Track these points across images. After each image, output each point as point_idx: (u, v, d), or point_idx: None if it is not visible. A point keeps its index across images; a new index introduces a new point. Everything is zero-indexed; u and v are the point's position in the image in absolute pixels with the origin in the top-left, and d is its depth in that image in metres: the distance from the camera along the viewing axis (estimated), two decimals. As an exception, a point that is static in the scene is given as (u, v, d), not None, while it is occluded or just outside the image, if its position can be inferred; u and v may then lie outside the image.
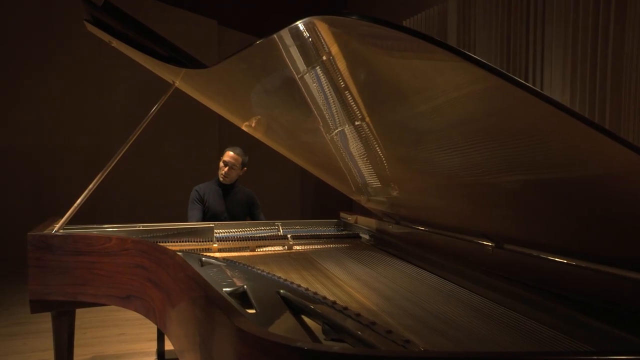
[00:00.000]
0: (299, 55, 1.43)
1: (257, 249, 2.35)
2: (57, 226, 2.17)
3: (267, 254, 2.27)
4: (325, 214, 3.47)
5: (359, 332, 1.13)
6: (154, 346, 3.10)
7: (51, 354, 2.20)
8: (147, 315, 1.98)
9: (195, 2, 6.84)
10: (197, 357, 1.38)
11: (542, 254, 1.34)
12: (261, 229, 2.69)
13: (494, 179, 1.28)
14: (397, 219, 2.27)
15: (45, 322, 2.91)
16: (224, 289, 1.51)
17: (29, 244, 2.07)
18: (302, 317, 1.33)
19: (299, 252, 2.30)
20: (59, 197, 6.00)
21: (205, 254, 2.16)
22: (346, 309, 1.32)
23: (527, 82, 1.06)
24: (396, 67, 1.22)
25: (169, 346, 2.80)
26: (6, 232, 5.86)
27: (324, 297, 1.44)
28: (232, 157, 3.32)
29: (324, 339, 1.18)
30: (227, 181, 3.35)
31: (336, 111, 1.64)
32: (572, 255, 1.24)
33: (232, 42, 6.91)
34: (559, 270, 1.27)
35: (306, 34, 1.29)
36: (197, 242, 2.28)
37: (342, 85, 1.46)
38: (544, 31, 3.49)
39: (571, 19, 3.20)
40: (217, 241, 2.32)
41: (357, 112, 1.55)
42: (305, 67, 1.48)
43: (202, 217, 3.30)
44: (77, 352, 2.50)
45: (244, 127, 2.42)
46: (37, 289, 2.07)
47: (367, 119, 1.56)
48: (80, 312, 2.27)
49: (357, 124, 1.62)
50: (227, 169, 3.31)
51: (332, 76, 1.44)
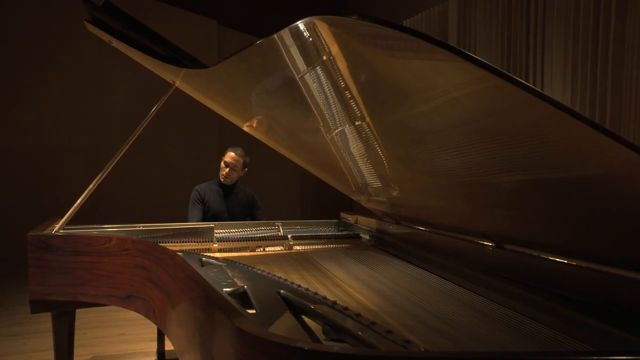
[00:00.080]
0: (299, 55, 1.43)
1: (257, 249, 2.35)
2: (57, 226, 2.17)
3: (267, 254, 2.27)
4: (325, 214, 3.47)
5: (359, 332, 1.13)
6: (154, 346, 3.10)
7: (51, 354, 2.20)
8: (147, 315, 1.98)
9: (195, 2, 6.84)
10: (197, 358, 1.38)
11: (542, 254, 1.34)
12: (261, 229, 2.69)
13: (494, 179, 1.28)
14: (398, 219, 2.27)
15: (45, 322, 2.91)
16: (224, 289, 1.51)
17: (29, 244, 2.07)
18: (303, 317, 1.33)
19: (299, 252, 2.30)
20: (59, 197, 6.00)
21: (205, 254, 2.16)
22: (346, 309, 1.32)
23: (528, 82, 1.06)
24: (396, 67, 1.22)
25: (169, 346, 2.80)
26: (6, 232, 5.86)
27: (324, 297, 1.44)
28: (234, 158, 3.31)
29: (324, 339, 1.18)
30: (228, 182, 3.34)
31: (336, 111, 1.64)
32: (572, 255, 1.24)
33: (232, 42, 6.91)
34: (559, 270, 1.27)
35: (306, 34, 1.29)
36: (197, 242, 2.28)
37: (343, 85, 1.46)
38: (544, 31, 3.49)
39: (572, 18, 3.20)
40: (218, 241, 2.32)
41: (358, 112, 1.55)
42: (305, 67, 1.48)
43: (203, 217, 3.29)
44: (77, 352, 2.50)
45: (245, 128, 2.42)
46: (37, 289, 2.07)
47: (368, 119, 1.56)
48: (80, 312, 2.27)
49: (357, 124, 1.62)
50: (228, 170, 3.31)
51: (333, 76, 1.44)
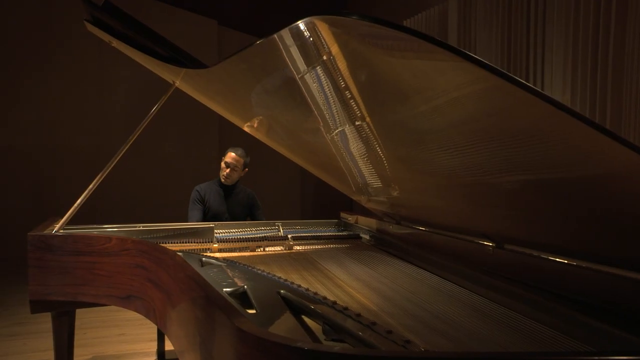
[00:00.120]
0: (300, 55, 1.43)
1: (257, 249, 2.35)
2: (57, 226, 2.17)
3: (267, 254, 2.27)
4: (325, 214, 3.46)
5: (360, 333, 1.13)
6: (154, 346, 3.10)
7: (51, 354, 2.20)
8: (147, 315, 1.98)
9: (195, 2, 6.84)
10: (197, 358, 1.38)
11: (542, 254, 1.34)
12: (261, 229, 2.69)
13: (495, 179, 1.28)
14: (398, 219, 2.27)
15: (45, 322, 2.90)
16: (224, 289, 1.51)
17: (29, 244, 2.07)
18: (303, 317, 1.33)
19: (299, 252, 2.30)
20: (59, 197, 6.00)
21: (205, 254, 2.16)
22: (346, 309, 1.32)
23: (528, 82, 1.06)
24: (397, 67, 1.22)
25: (169, 346, 2.80)
26: (6, 232, 5.86)
27: (325, 298, 1.44)
28: (234, 158, 3.30)
29: (325, 339, 1.18)
30: (229, 182, 3.34)
31: (336, 111, 1.64)
32: (573, 255, 1.24)
33: (232, 42, 6.91)
34: (560, 270, 1.27)
35: (307, 34, 1.29)
36: (197, 242, 2.28)
37: (343, 85, 1.46)
38: (544, 31, 3.49)
39: (572, 18, 3.20)
40: (218, 241, 2.32)
41: (358, 112, 1.55)
42: (305, 67, 1.48)
43: (203, 217, 3.29)
44: (77, 352, 2.50)
45: (245, 128, 2.42)
46: (37, 289, 2.07)
47: (368, 119, 1.56)
48: (80, 312, 2.27)
49: (357, 124, 1.61)
50: (228, 170, 3.30)
51: (333, 76, 1.44)
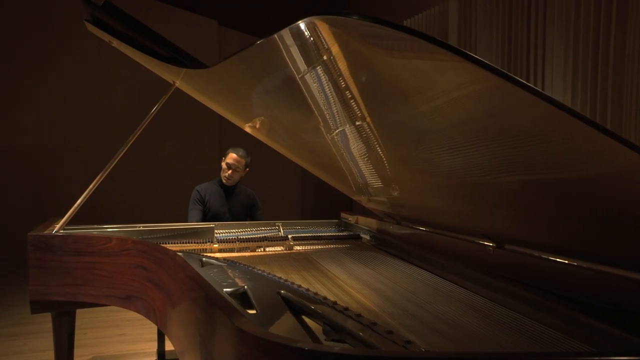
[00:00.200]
0: (300, 55, 1.43)
1: (257, 250, 2.35)
2: (58, 226, 2.17)
3: (267, 255, 2.27)
4: (325, 214, 3.46)
5: (360, 333, 1.13)
6: (154, 347, 3.10)
7: (51, 354, 2.20)
8: (148, 315, 1.98)
9: (195, 2, 6.84)
10: (197, 358, 1.38)
11: (543, 254, 1.33)
12: (262, 229, 2.69)
13: (495, 179, 1.28)
14: (398, 219, 2.26)
15: (45, 322, 2.90)
16: (225, 290, 1.51)
17: (29, 244, 2.07)
18: (303, 317, 1.32)
19: (299, 253, 2.30)
20: (59, 197, 6.00)
21: (205, 254, 2.16)
22: (347, 309, 1.31)
23: (528, 83, 1.06)
24: (397, 67, 1.22)
25: (169, 347, 2.80)
26: (6, 232, 5.86)
27: (325, 298, 1.43)
28: (235, 159, 3.27)
29: (325, 340, 1.18)
30: (230, 183, 3.32)
31: (337, 111, 1.64)
32: (573, 255, 1.24)
33: (232, 42, 6.91)
34: (560, 270, 1.27)
35: (307, 34, 1.29)
36: (197, 242, 2.28)
37: (343, 85, 1.45)
38: (545, 31, 3.49)
39: (572, 19, 3.19)
40: (218, 242, 2.32)
41: (358, 112, 1.55)
42: (305, 67, 1.48)
43: (203, 217, 3.28)
44: (78, 352, 2.50)
45: (246, 128, 2.42)
46: (37, 289, 2.07)
47: (368, 119, 1.55)
48: (80, 313, 2.27)
49: (357, 124, 1.61)
50: (230, 171, 3.27)
51: (333, 76, 1.44)
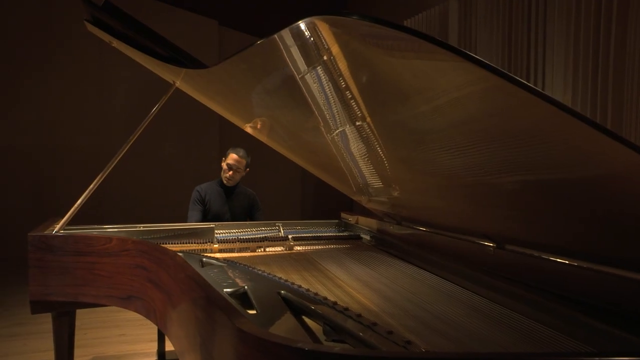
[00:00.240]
0: (300, 55, 1.43)
1: (257, 250, 2.35)
2: (58, 227, 2.17)
3: (268, 255, 2.27)
4: (326, 214, 3.46)
5: (360, 333, 1.13)
6: (154, 347, 3.10)
7: (52, 354, 2.20)
8: (148, 315, 1.98)
9: (195, 2, 6.84)
10: (197, 358, 1.38)
11: (543, 254, 1.33)
12: (262, 230, 2.69)
13: (495, 179, 1.28)
14: (398, 220, 2.26)
15: (45, 322, 2.90)
16: (225, 290, 1.51)
17: (29, 244, 2.07)
18: (303, 317, 1.32)
19: (299, 253, 2.30)
20: (59, 197, 6.00)
21: (205, 254, 2.16)
22: (347, 309, 1.31)
23: (529, 83, 1.06)
24: (397, 67, 1.22)
25: (169, 347, 2.80)
26: (6, 232, 5.86)
27: (325, 298, 1.43)
28: (236, 160, 3.25)
29: (325, 340, 1.18)
30: (231, 184, 3.31)
31: (337, 111, 1.64)
32: (574, 255, 1.23)
33: (232, 42, 6.91)
34: (561, 270, 1.27)
35: (307, 34, 1.29)
36: (197, 242, 2.28)
37: (343, 85, 1.45)
38: (545, 31, 3.49)
39: (573, 18, 3.19)
40: (218, 242, 2.32)
41: (358, 112, 1.55)
42: (306, 67, 1.48)
43: (204, 218, 3.27)
44: (78, 352, 2.50)
45: (246, 128, 2.41)
46: (37, 289, 2.07)
47: (368, 119, 1.55)
48: (80, 313, 2.27)
49: (358, 124, 1.61)
50: (231, 172, 3.25)
51: (333, 76, 1.44)
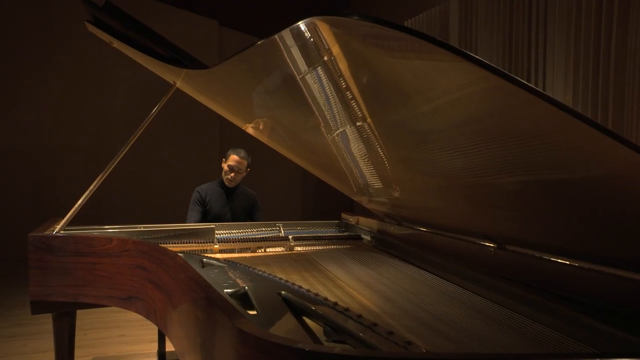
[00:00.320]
0: (300, 55, 1.43)
1: (258, 250, 2.35)
2: (58, 227, 2.17)
3: (268, 255, 2.27)
4: (326, 214, 3.46)
5: (361, 334, 1.12)
6: (154, 347, 3.09)
7: (52, 355, 2.20)
8: (148, 316, 1.98)
9: (196, 3, 6.84)
10: (198, 359, 1.38)
11: (544, 255, 1.33)
12: (262, 230, 2.69)
13: (496, 179, 1.27)
14: (399, 220, 2.26)
15: (46, 323, 2.90)
16: (225, 290, 1.51)
17: (29, 245, 2.07)
18: (304, 318, 1.32)
19: (300, 253, 2.29)
20: (59, 197, 6.01)
21: (206, 255, 2.16)
22: (347, 310, 1.31)
23: (530, 83, 1.06)
24: (397, 68, 1.22)
25: (169, 347, 2.80)
26: (6, 233, 5.86)
27: (325, 299, 1.43)
28: (238, 161, 3.23)
29: (325, 341, 1.18)
30: (233, 185, 3.30)
31: (337, 112, 1.64)
32: (575, 256, 1.23)
33: (233, 42, 6.91)
34: (562, 271, 1.27)
35: (307, 35, 1.29)
36: (198, 243, 2.28)
37: (344, 85, 1.45)
38: (546, 31, 3.49)
39: (574, 18, 3.19)
40: (218, 242, 2.32)
41: (359, 113, 1.55)
42: (306, 68, 1.48)
43: (204, 218, 3.27)
44: (78, 353, 2.50)
45: (248, 129, 2.41)
46: (38, 290, 2.07)
47: (369, 120, 1.55)
48: (81, 313, 2.27)
49: (358, 124, 1.61)
50: (233, 174, 3.24)
51: (334, 76, 1.44)
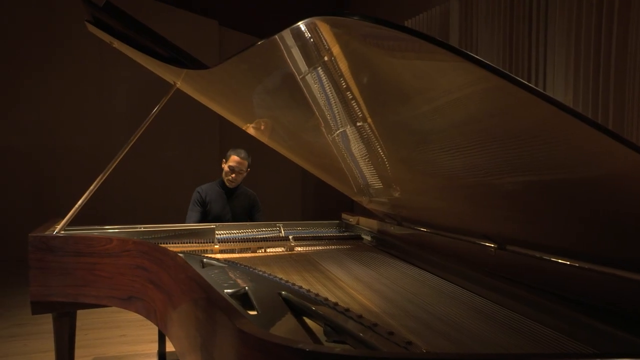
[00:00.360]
0: (301, 55, 1.43)
1: (258, 250, 2.35)
2: (58, 227, 2.17)
3: (268, 255, 2.27)
4: (326, 215, 3.46)
5: (361, 334, 1.12)
6: (155, 347, 3.10)
7: (52, 355, 2.20)
8: (148, 316, 1.98)
9: (196, 3, 6.84)
10: (198, 359, 1.38)
11: (544, 255, 1.33)
12: (263, 230, 2.69)
13: (496, 180, 1.27)
14: (399, 220, 2.26)
15: (46, 323, 2.90)
16: (225, 291, 1.51)
17: (30, 245, 2.07)
18: (304, 318, 1.32)
19: (300, 254, 2.29)
20: (59, 197, 6.01)
21: (206, 255, 2.15)
22: (348, 310, 1.31)
23: (530, 83, 1.05)
24: (398, 68, 1.22)
25: (170, 347, 2.80)
26: (6, 233, 5.87)
27: (326, 299, 1.43)
28: (239, 162, 3.23)
29: (326, 341, 1.18)
30: (234, 185, 3.29)
31: (338, 112, 1.64)
32: (576, 256, 1.23)
33: (233, 42, 6.91)
34: (562, 271, 1.26)
35: (307, 35, 1.29)
36: (198, 243, 2.28)
37: (344, 85, 1.45)
38: (546, 31, 3.48)
39: (574, 18, 3.19)
40: (219, 242, 2.32)
41: (359, 113, 1.55)
42: (306, 68, 1.48)
43: (204, 219, 3.26)
44: (78, 353, 2.50)
45: (248, 129, 2.41)
46: (38, 290, 2.07)
47: (369, 120, 1.55)
48: (81, 314, 2.27)
49: (358, 124, 1.61)
50: (234, 175, 3.23)
51: (334, 77, 1.44)
